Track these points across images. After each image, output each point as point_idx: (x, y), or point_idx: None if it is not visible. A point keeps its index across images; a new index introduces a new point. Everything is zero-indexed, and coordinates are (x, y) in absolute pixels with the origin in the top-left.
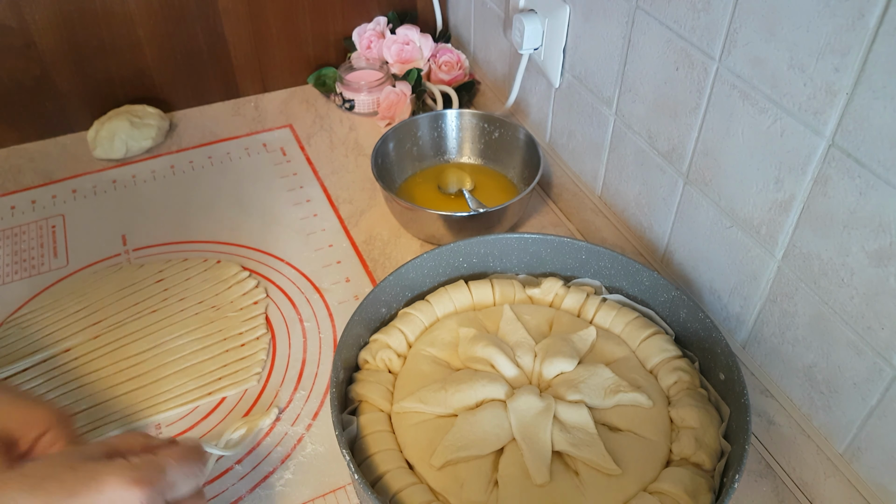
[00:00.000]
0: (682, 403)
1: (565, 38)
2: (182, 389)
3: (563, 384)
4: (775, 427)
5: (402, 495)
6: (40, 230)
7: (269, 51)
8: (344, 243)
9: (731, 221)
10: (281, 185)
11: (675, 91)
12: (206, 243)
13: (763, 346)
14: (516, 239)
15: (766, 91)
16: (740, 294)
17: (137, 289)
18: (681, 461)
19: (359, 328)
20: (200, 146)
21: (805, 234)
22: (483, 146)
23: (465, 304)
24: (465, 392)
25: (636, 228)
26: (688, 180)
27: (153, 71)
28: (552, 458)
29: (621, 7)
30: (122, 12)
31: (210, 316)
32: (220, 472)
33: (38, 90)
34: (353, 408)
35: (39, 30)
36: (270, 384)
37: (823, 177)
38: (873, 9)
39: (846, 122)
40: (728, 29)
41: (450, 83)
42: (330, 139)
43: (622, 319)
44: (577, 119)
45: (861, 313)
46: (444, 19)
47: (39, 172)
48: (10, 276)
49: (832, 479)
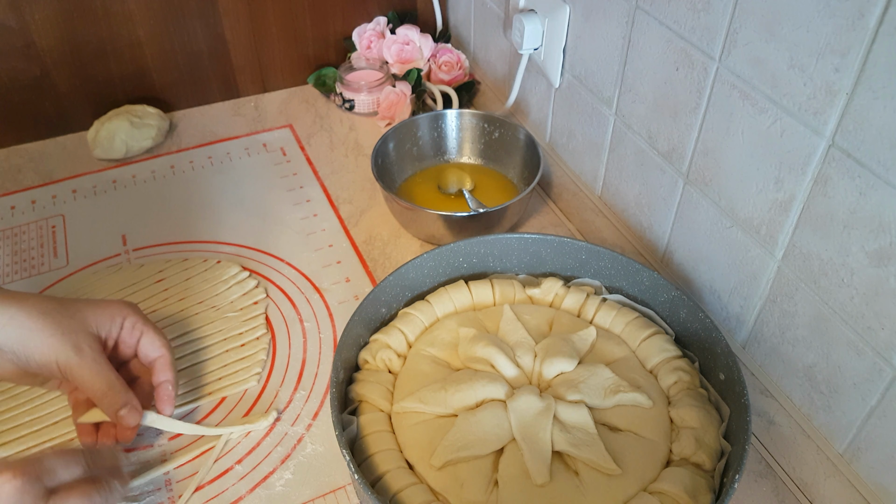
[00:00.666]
0: (682, 403)
1: (565, 38)
2: (182, 389)
3: (563, 384)
4: (775, 427)
5: (402, 495)
6: (40, 230)
7: (269, 51)
8: (344, 243)
9: (731, 221)
10: (281, 185)
11: (675, 91)
12: (206, 243)
13: (763, 346)
14: (516, 239)
15: (766, 91)
16: (740, 294)
17: (137, 289)
18: (681, 461)
19: (359, 328)
20: (200, 146)
21: (805, 234)
22: (483, 146)
23: (465, 304)
24: (465, 392)
25: (636, 228)
26: (688, 180)
27: (153, 71)
28: (552, 458)
29: (621, 7)
30: (122, 12)
31: (210, 316)
32: (221, 472)
33: (38, 90)
34: (353, 408)
35: (39, 30)
36: (270, 384)
37: (823, 177)
38: (873, 9)
39: (846, 122)
40: (728, 29)
41: (450, 83)
42: (330, 139)
43: (622, 319)
44: (577, 119)
45: (861, 313)
46: (444, 19)
47: (39, 172)
48: (10, 276)
49: (832, 479)
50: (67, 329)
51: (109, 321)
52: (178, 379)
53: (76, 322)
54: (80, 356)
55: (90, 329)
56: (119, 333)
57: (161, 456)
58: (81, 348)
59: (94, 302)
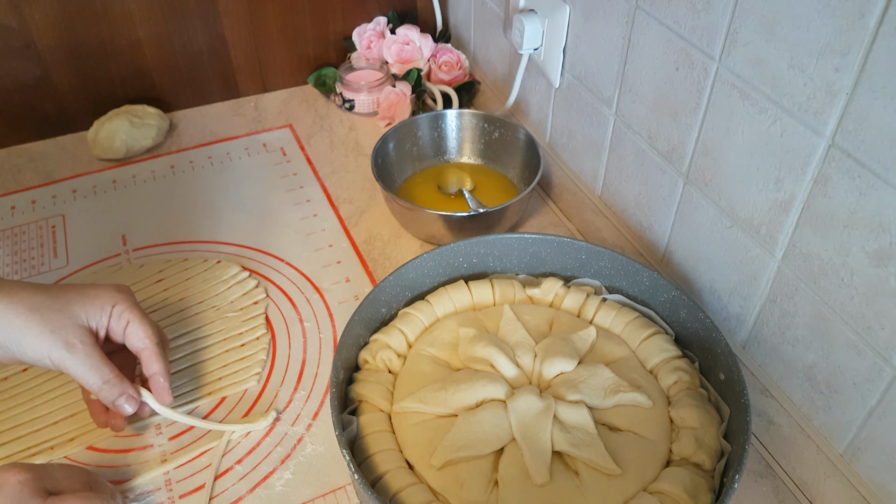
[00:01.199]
0: (682, 403)
1: (565, 38)
2: (182, 389)
3: (563, 384)
4: (775, 427)
5: (402, 495)
6: (40, 230)
7: (269, 51)
8: (344, 243)
9: (731, 221)
10: (281, 185)
11: (675, 91)
12: (206, 243)
13: (763, 346)
14: (516, 239)
15: (766, 91)
16: (740, 294)
17: (137, 289)
18: (681, 461)
19: (359, 328)
20: (200, 146)
21: (805, 234)
22: (483, 146)
23: (465, 304)
24: (465, 392)
25: (636, 228)
26: (688, 180)
27: (153, 71)
28: (552, 458)
29: (621, 7)
30: (122, 12)
31: (210, 316)
32: (221, 472)
33: (38, 90)
34: (353, 408)
35: (39, 30)
36: (270, 384)
37: (823, 177)
38: (873, 9)
39: (846, 122)
40: (728, 29)
41: (450, 83)
42: (330, 139)
43: (622, 319)
44: (577, 119)
45: (861, 313)
46: (444, 19)
47: (39, 172)
48: (9, 276)
49: (832, 479)
50: (57, 325)
51: (99, 311)
52: (179, 380)
53: (65, 317)
54: (71, 353)
55: (80, 322)
56: (108, 322)
57: (161, 456)
58: (73, 344)
59: (83, 290)
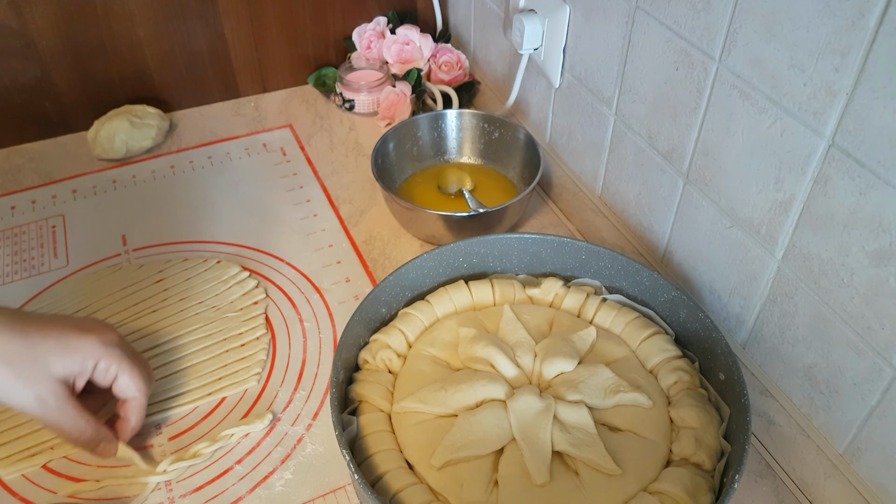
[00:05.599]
0: (682, 403)
1: (565, 38)
2: (182, 389)
3: (563, 384)
4: (775, 427)
5: (402, 495)
6: (40, 230)
7: (269, 51)
8: (344, 243)
9: (731, 221)
10: (281, 185)
11: (675, 91)
12: (206, 243)
13: (763, 346)
14: (516, 239)
15: (766, 91)
16: (740, 294)
17: (137, 289)
18: (681, 461)
19: (359, 328)
20: (200, 146)
21: (805, 234)
22: (483, 146)
23: (465, 304)
24: (465, 392)
25: (636, 228)
26: (688, 180)
27: (153, 71)
28: (552, 458)
29: (621, 7)
30: (122, 12)
31: (210, 316)
32: (220, 472)
33: (38, 90)
34: (353, 408)
35: (39, 30)
36: (270, 384)
37: (823, 177)
38: (873, 9)
39: (846, 122)
40: (728, 29)
41: (450, 83)
42: (330, 139)
43: (622, 319)
44: (577, 119)
45: (861, 313)
46: (444, 19)
47: (39, 172)
48: (9, 276)
49: (832, 479)
50: (29, 379)
51: (80, 364)
52: (178, 380)
53: (38, 369)
54: (42, 408)
55: (56, 374)
56: (92, 374)
57: (161, 456)
58: (44, 400)
59: (64, 339)
